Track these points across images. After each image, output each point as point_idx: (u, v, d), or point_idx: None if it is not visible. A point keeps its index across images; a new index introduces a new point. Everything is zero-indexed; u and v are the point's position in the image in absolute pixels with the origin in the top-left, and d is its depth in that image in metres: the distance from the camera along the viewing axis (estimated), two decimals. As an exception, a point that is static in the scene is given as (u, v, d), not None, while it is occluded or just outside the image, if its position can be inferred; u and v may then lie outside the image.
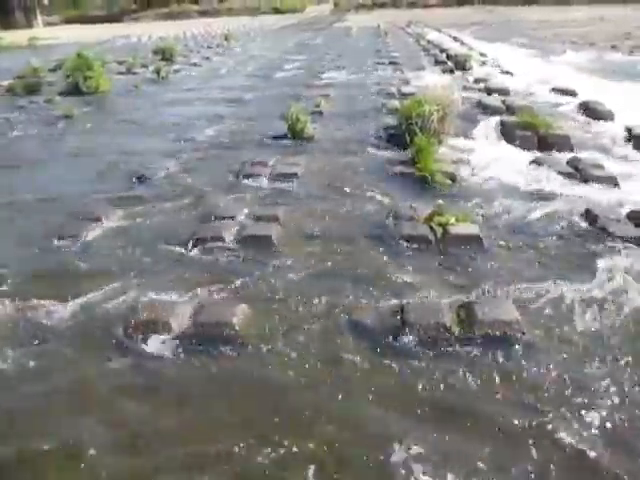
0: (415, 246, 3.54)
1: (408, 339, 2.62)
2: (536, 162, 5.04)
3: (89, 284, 3.20)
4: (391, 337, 2.65)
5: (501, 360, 2.49)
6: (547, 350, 2.55)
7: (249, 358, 2.55)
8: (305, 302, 2.98)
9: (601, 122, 6.61)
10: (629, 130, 5.94)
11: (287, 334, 2.72)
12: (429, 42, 17.27)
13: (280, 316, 2.86)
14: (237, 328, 2.70)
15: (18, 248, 3.80)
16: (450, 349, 2.56)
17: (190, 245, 3.66)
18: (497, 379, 2.37)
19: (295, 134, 6.21)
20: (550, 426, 2.11)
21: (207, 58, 15.88)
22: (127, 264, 3.46)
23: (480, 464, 1.96)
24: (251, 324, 2.77)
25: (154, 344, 2.64)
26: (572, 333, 2.67)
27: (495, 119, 6.51)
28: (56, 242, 3.81)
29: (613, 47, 15.16)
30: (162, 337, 2.67)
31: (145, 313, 2.81)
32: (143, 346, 2.63)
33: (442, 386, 2.34)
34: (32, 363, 2.56)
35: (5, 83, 11.03)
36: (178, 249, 3.65)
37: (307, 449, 2.05)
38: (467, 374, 2.40)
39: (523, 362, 2.47)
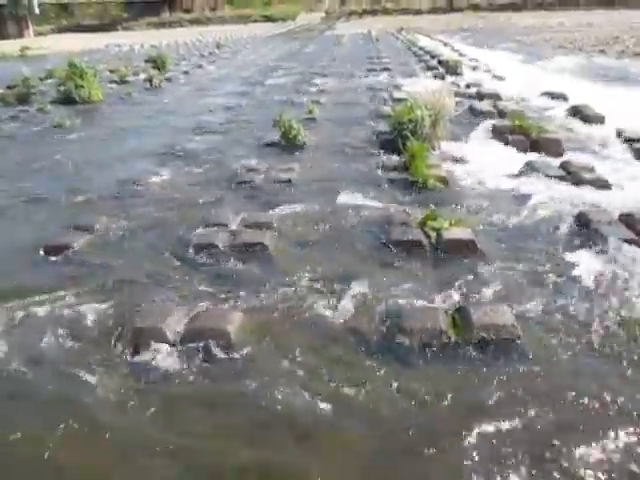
0: (409, 251, 3.54)
1: (404, 344, 2.61)
2: (528, 166, 5.06)
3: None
4: (387, 342, 2.64)
5: (497, 364, 2.48)
6: (542, 354, 2.55)
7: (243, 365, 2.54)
8: (299, 308, 2.96)
9: (592, 125, 6.67)
10: (620, 133, 6.00)
11: (282, 341, 2.70)
12: (420, 48, 17.39)
13: (275, 323, 2.85)
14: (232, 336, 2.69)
15: (6, 256, 3.77)
16: (446, 353, 2.56)
17: (185, 251, 3.65)
18: (493, 382, 2.37)
19: (288, 141, 6.22)
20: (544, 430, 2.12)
21: (199, 66, 15.92)
22: (120, 267, 3.44)
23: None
24: (246, 332, 2.75)
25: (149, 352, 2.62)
26: (568, 335, 2.67)
27: (487, 123, 6.56)
28: (44, 251, 3.78)
29: (601, 51, 15.34)
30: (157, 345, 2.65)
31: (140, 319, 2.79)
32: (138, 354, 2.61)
33: (438, 389, 2.34)
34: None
35: (-4, 93, 11.00)
36: (172, 255, 3.63)
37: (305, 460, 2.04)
38: (463, 378, 2.40)
39: (519, 366, 2.47)
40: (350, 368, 2.50)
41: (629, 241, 3.51)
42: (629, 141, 5.79)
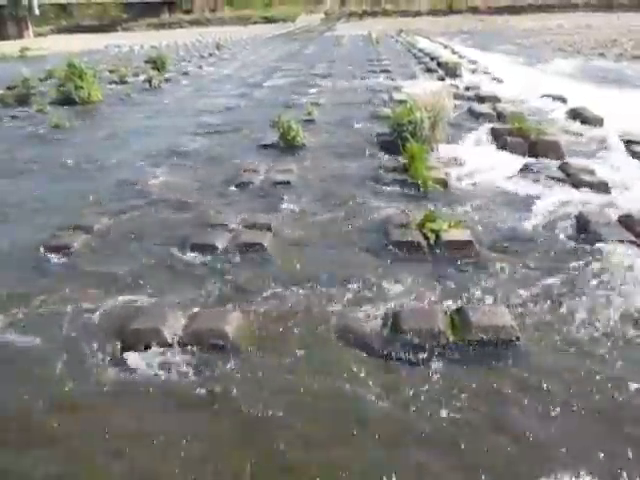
0: (408, 252, 3.55)
1: (402, 345, 2.61)
2: (527, 168, 5.07)
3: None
4: (385, 343, 2.64)
5: (496, 365, 2.49)
6: (541, 355, 2.55)
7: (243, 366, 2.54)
8: (298, 309, 2.96)
9: (591, 128, 6.68)
10: (619, 135, 6.00)
11: (281, 342, 2.70)
12: (420, 50, 17.42)
13: (273, 323, 2.85)
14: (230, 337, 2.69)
15: (6, 256, 3.77)
16: (444, 354, 2.56)
17: (184, 252, 3.65)
18: (492, 383, 2.37)
19: (287, 142, 6.22)
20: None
21: (199, 67, 15.93)
22: (119, 268, 3.44)
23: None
24: (244, 332, 2.75)
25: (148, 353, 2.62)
26: (567, 336, 2.67)
27: (486, 126, 6.56)
28: (45, 251, 3.78)
29: (600, 54, 15.38)
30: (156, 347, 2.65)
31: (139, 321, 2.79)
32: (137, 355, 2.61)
33: (437, 391, 2.34)
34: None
35: (-4, 93, 10.99)
36: (171, 255, 3.63)
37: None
38: (461, 379, 2.40)
39: (518, 366, 2.47)
40: (348, 369, 2.49)
41: (628, 242, 3.52)
42: (628, 143, 5.81)
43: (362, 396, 2.33)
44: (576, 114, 7.20)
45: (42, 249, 3.80)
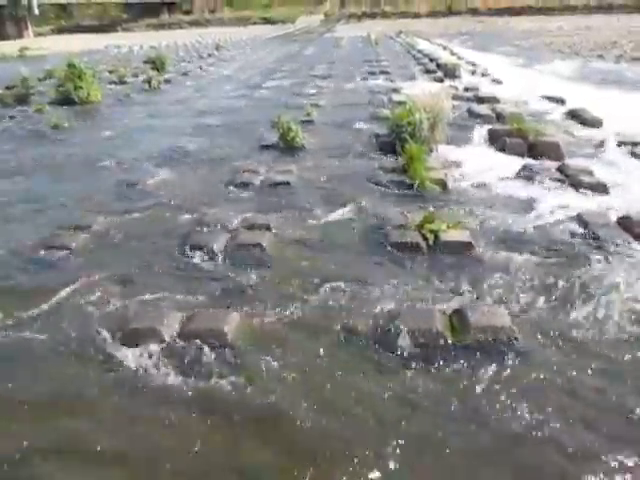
0: (407, 253, 3.55)
1: (402, 345, 2.61)
2: (526, 169, 5.07)
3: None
4: (383, 344, 2.64)
5: (494, 365, 2.48)
6: (539, 355, 2.55)
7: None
8: (297, 309, 2.96)
9: (589, 129, 6.69)
10: (617, 137, 6.01)
11: (279, 342, 2.70)
12: (419, 51, 17.44)
13: (272, 324, 2.85)
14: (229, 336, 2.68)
15: (5, 255, 3.77)
16: (443, 355, 2.55)
17: (183, 252, 3.65)
18: (490, 384, 2.37)
19: (286, 143, 6.23)
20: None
21: (199, 67, 15.94)
22: (117, 268, 3.44)
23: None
24: (243, 332, 2.75)
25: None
26: (565, 337, 2.67)
27: (485, 127, 6.57)
28: (44, 251, 3.77)
29: (599, 56, 15.40)
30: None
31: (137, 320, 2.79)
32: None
33: (435, 392, 2.34)
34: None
35: (-5, 93, 10.99)
36: (170, 256, 3.63)
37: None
38: (460, 379, 2.40)
39: (515, 367, 2.47)
40: (345, 370, 2.49)
41: (627, 243, 3.52)
42: (627, 144, 5.81)
43: (360, 396, 2.32)
44: (575, 115, 7.22)
45: (41, 249, 3.79)
